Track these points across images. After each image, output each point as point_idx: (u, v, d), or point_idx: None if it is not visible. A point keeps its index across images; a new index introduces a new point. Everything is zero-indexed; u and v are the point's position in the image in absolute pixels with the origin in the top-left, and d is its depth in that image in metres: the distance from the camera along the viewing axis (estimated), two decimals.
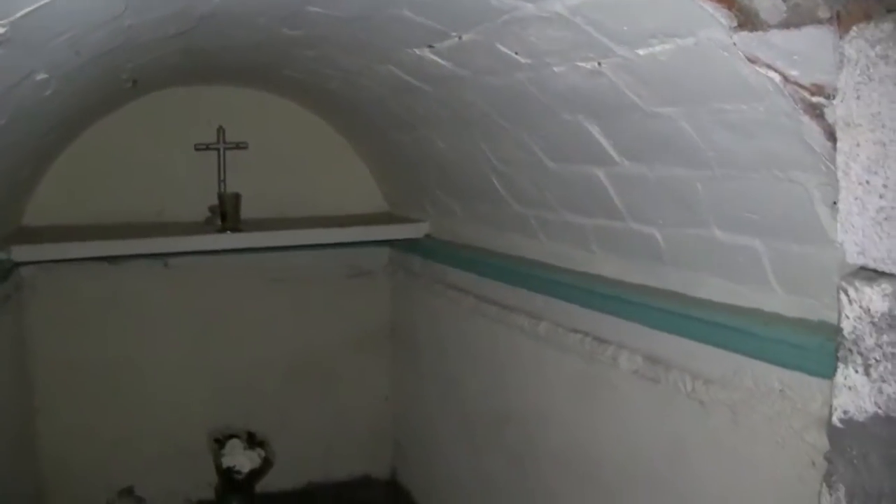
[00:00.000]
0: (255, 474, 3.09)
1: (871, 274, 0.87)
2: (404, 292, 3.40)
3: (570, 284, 2.04)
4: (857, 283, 0.87)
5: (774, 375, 1.44)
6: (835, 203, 0.98)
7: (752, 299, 1.50)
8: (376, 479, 3.67)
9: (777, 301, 1.45)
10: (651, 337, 1.77)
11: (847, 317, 0.89)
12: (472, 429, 2.77)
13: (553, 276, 2.12)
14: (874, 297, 0.86)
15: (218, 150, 3.10)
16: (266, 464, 3.12)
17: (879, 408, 0.86)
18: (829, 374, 1.07)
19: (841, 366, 0.91)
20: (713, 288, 1.60)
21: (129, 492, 3.30)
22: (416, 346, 3.30)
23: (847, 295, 0.89)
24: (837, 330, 0.93)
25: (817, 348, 1.29)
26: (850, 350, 0.89)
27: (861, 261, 0.88)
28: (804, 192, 1.24)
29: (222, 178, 3.10)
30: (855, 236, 0.88)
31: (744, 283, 1.51)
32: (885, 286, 0.85)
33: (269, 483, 3.39)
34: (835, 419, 0.92)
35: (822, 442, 1.28)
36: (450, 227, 2.85)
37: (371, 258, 3.52)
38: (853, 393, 0.89)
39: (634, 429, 1.86)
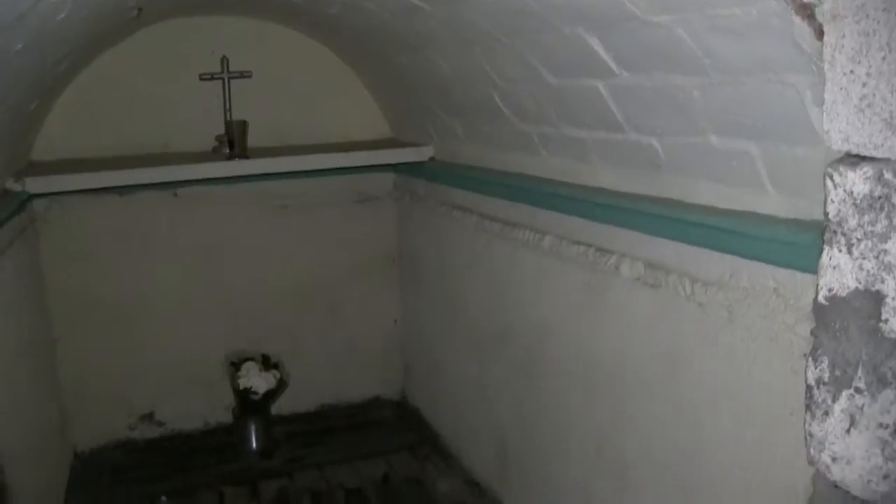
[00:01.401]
0: (271, 395, 3.20)
1: (854, 159, 0.92)
2: (410, 216, 3.46)
3: (571, 197, 2.10)
4: (841, 169, 0.93)
5: (769, 274, 1.50)
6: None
7: (748, 203, 1.56)
8: (387, 400, 3.79)
9: (771, 203, 1.50)
10: (651, 244, 1.83)
11: (832, 201, 0.95)
12: (478, 345, 2.86)
13: (555, 190, 2.17)
14: (856, 181, 0.91)
15: (222, 79, 3.13)
16: (281, 384, 3.23)
17: (859, 283, 0.92)
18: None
19: (826, 248, 0.97)
20: (710, 193, 1.65)
21: (149, 417, 3.42)
22: (422, 269, 3.38)
23: (832, 180, 0.94)
24: (824, 215, 0.98)
25: (809, 246, 1.34)
26: (835, 232, 0.95)
27: (845, 147, 0.93)
28: (796, 94, 1.28)
29: (228, 107, 3.13)
30: (839, 124, 0.93)
31: (739, 187, 1.56)
32: (867, 169, 0.90)
33: (283, 406, 3.51)
34: (820, 297, 0.99)
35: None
36: (453, 149, 2.89)
37: (376, 184, 3.57)
38: (837, 271, 0.95)
39: (636, 334, 1.94)
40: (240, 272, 3.43)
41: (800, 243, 1.38)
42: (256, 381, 3.14)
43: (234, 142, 3.00)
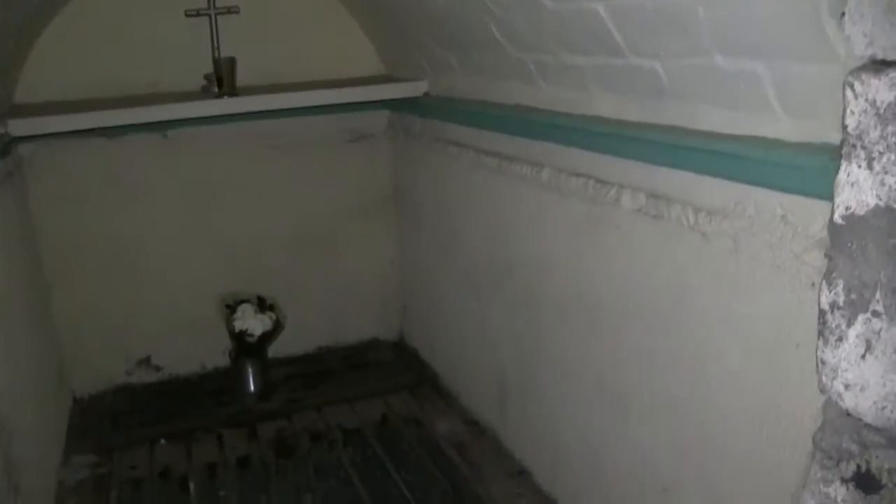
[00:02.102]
0: (267, 337, 3.18)
1: (878, 66, 0.86)
2: (405, 154, 3.38)
3: (570, 128, 2.03)
4: (863, 77, 0.87)
5: (776, 201, 1.44)
6: (843, 14, 0.96)
7: (754, 127, 1.49)
8: (384, 341, 3.77)
9: (779, 126, 1.44)
10: (653, 173, 1.77)
11: (852, 113, 0.89)
12: (475, 283, 2.82)
13: (553, 120, 2.10)
14: (881, 88, 0.85)
15: (209, 15, 3.02)
16: (277, 326, 3.20)
17: (880, 199, 0.87)
18: (831, 195, 1.08)
19: (844, 163, 0.91)
20: (714, 118, 1.58)
21: (146, 361, 3.39)
22: (418, 207, 3.32)
23: (852, 90, 0.88)
24: (842, 128, 0.92)
25: (819, 169, 1.28)
26: (854, 146, 0.89)
27: (869, 52, 0.87)
28: (810, 6, 1.21)
29: (216, 44, 3.03)
30: (864, 27, 0.86)
31: (745, 110, 1.49)
32: (893, 75, 0.84)
33: (280, 349, 3.49)
34: (836, 217, 0.94)
35: (822, 263, 1.31)
36: (447, 83, 2.81)
37: (370, 121, 3.49)
38: (855, 188, 0.90)
39: (637, 266, 1.89)
40: (233, 214, 3.37)
41: (809, 167, 1.32)
42: (252, 323, 3.10)
43: (222, 80, 2.92)
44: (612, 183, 1.92)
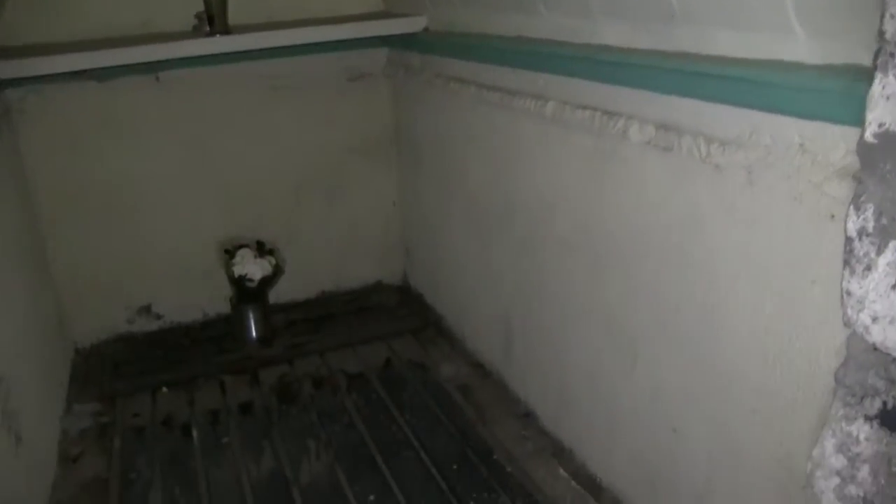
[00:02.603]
0: (267, 282, 3.13)
1: None
2: (405, 92, 3.28)
3: (574, 58, 1.93)
4: None
5: (794, 129, 1.36)
6: None
7: (771, 49, 1.40)
8: (388, 285, 3.72)
9: (798, 48, 1.35)
10: (663, 103, 1.68)
11: (892, 16, 0.80)
12: (479, 223, 2.75)
13: (556, 51, 2.01)
14: None
15: None
16: (277, 271, 3.15)
17: None
18: (855, 119, 1.00)
19: (879, 75, 0.83)
20: (728, 42, 1.49)
21: (147, 310, 3.35)
22: (420, 146, 3.24)
23: None
24: (878, 36, 0.84)
25: (843, 92, 1.21)
26: (892, 54, 0.81)
27: None
28: None
29: None
30: None
31: (762, 31, 1.40)
32: None
33: (282, 294, 3.45)
34: (867, 135, 0.86)
35: (843, 193, 1.24)
36: (447, 17, 2.70)
37: (369, 60, 3.38)
38: (891, 102, 0.82)
39: (646, 202, 1.82)
40: (231, 158, 3.29)
41: (831, 90, 1.24)
42: (251, 268, 3.05)
43: (213, 17, 2.80)
44: (620, 114, 1.84)
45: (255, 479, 2.33)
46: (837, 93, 1.22)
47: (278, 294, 3.44)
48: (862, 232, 0.90)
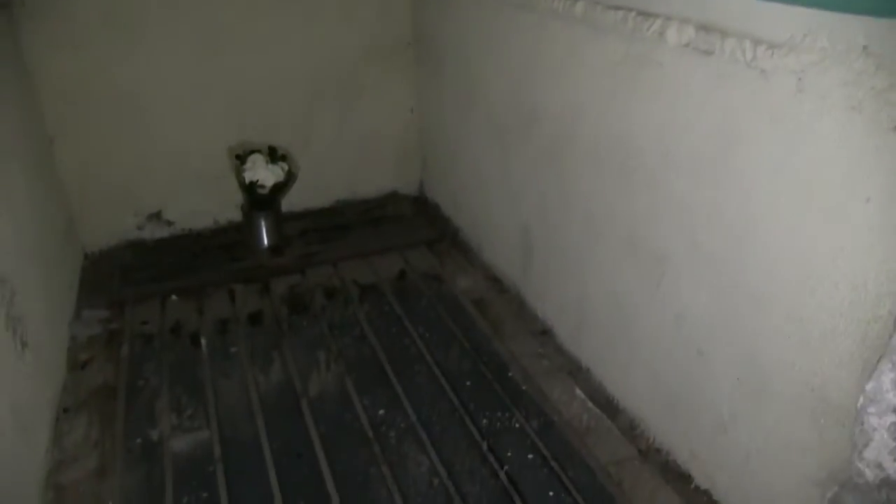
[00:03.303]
0: (279, 189, 3.03)
1: None
2: None
3: None
4: None
5: (858, 29, 1.22)
6: None
7: None
8: (404, 195, 3.62)
9: None
10: (705, 2, 1.54)
11: None
12: (500, 132, 2.62)
13: None
14: None
15: None
16: (289, 177, 3.05)
17: None
18: None
19: None
20: None
21: (157, 216, 3.28)
22: (439, 50, 3.08)
23: None
24: None
25: None
26: None
27: None
28: None
29: None
30: None
31: None
32: None
33: (295, 202, 3.36)
34: None
35: None
36: None
37: None
38: None
39: (682, 110, 1.68)
40: (243, 59, 3.14)
41: None
42: (263, 173, 2.94)
43: None
44: (656, 15, 1.68)
45: (263, 390, 2.29)
46: None
47: (291, 202, 3.35)
48: None
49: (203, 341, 2.54)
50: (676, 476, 1.89)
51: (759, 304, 1.56)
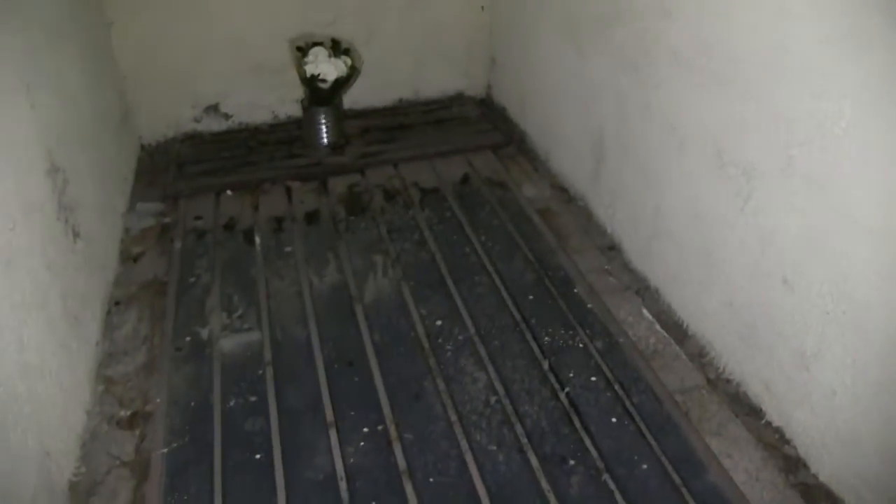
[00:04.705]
0: (341, 84, 2.89)
1: None
2: None
3: None
4: None
5: None
6: None
7: None
8: (470, 97, 3.45)
9: None
10: None
11: None
12: (577, 30, 2.43)
13: None
14: None
15: None
16: (352, 72, 2.90)
17: None
18: None
19: None
20: None
21: (214, 108, 3.18)
22: None
23: None
24: None
25: None
26: None
27: None
28: None
29: None
30: None
31: None
32: None
33: (357, 99, 3.23)
34: None
35: None
36: None
37: None
38: None
39: (787, 14, 1.48)
40: None
41: None
42: (325, 67, 2.80)
43: None
44: None
45: (316, 292, 2.21)
46: None
47: (353, 99, 3.22)
48: None
49: (257, 239, 2.47)
50: (747, 409, 1.78)
51: (858, 235, 1.40)
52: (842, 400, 1.51)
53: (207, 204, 2.67)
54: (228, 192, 2.73)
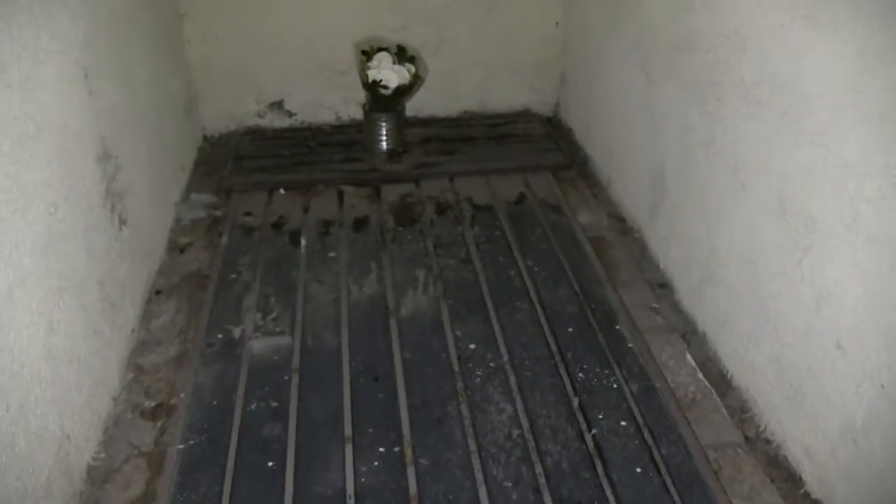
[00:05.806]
0: (403, 91, 2.86)
1: None
2: None
3: None
4: None
5: None
6: None
7: None
8: (536, 114, 3.39)
9: None
10: None
11: None
12: (649, 55, 2.34)
13: None
14: None
15: None
16: (416, 80, 2.87)
17: None
18: None
19: None
20: None
21: (279, 105, 3.20)
22: None
23: None
24: None
25: None
26: None
27: None
28: None
29: None
30: None
31: None
32: None
33: (421, 107, 3.20)
34: None
35: None
36: None
37: None
38: None
39: (869, 55, 1.38)
40: None
41: None
42: (388, 73, 2.77)
43: None
44: None
45: (353, 301, 2.18)
46: None
47: (417, 106, 3.19)
48: None
49: (303, 241, 2.45)
50: (785, 475, 1.67)
51: None
52: (891, 484, 1.40)
53: (259, 200, 2.67)
54: (281, 191, 2.72)
